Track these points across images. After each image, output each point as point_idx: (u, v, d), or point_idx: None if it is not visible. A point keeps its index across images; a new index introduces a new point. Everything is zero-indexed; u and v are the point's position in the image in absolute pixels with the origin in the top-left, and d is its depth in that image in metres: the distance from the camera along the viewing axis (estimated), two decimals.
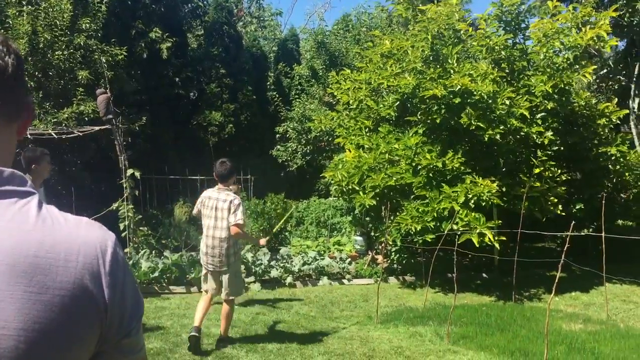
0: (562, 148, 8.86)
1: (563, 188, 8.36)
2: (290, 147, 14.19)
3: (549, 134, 8.37)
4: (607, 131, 9.80)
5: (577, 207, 9.02)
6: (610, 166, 9.62)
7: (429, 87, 8.25)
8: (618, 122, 10.93)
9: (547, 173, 8.33)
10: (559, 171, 8.45)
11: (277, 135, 14.43)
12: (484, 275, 9.67)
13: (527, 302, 8.02)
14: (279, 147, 14.52)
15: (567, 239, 5.48)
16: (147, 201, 13.37)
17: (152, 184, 13.53)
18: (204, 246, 5.63)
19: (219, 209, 5.47)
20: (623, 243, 8.64)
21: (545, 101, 8.37)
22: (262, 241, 6.16)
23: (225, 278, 5.56)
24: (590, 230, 9.59)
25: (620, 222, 10.72)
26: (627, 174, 9.70)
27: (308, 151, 13.89)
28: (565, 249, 5.28)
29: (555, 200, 8.25)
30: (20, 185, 0.95)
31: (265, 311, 7.19)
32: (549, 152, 8.59)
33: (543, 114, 8.54)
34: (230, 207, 5.44)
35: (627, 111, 10.91)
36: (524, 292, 8.45)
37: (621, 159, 9.35)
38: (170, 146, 14.53)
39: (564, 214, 8.27)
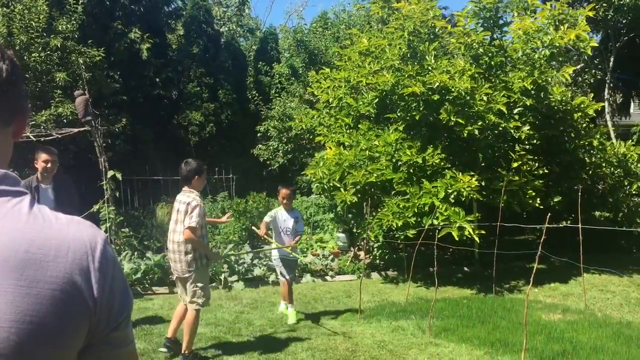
0: (539, 142, 8.99)
1: (541, 181, 8.48)
2: (272, 145, 14.21)
3: (526, 128, 8.50)
4: (584, 125, 9.99)
5: (556, 199, 9.16)
6: (586, 159, 9.81)
7: (407, 84, 8.33)
8: (594, 115, 11.14)
9: (525, 167, 8.46)
10: (537, 165, 8.58)
11: (259, 134, 14.43)
12: (465, 268, 9.78)
13: (508, 294, 8.14)
14: (260, 146, 14.53)
15: (544, 231, 5.57)
16: (129, 202, 13.32)
17: (133, 185, 13.48)
18: (167, 251, 5.46)
19: (179, 211, 5.14)
20: (600, 234, 8.84)
21: (524, 97, 8.48)
22: (212, 256, 5.63)
23: (188, 286, 5.19)
24: (569, 222, 9.75)
25: (597, 213, 10.90)
26: (603, 165, 9.89)
27: (289, 150, 13.92)
28: (542, 240, 5.39)
29: (534, 193, 8.37)
30: (13, 185, 0.99)
31: (248, 309, 7.21)
32: (527, 147, 8.73)
33: (520, 109, 8.67)
34: (187, 209, 5.05)
35: (603, 104, 11.13)
36: (504, 284, 8.57)
37: (601, 152, 9.53)
38: (152, 147, 14.47)
39: (542, 207, 8.40)
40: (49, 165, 5.55)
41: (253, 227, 7.07)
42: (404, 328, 6.27)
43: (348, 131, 9.75)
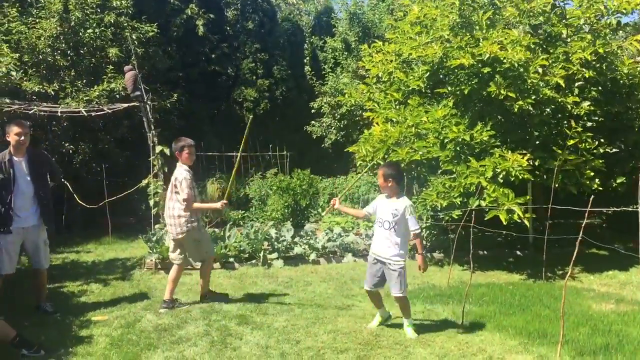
0: (602, 119, 8.30)
1: (601, 161, 7.83)
2: (325, 122, 13.96)
3: (586, 104, 7.85)
4: None
5: (619, 181, 8.46)
6: None
7: (456, 56, 7.86)
8: None
9: (583, 145, 7.82)
10: (597, 143, 7.91)
11: (312, 111, 14.22)
12: (518, 252, 9.27)
13: (559, 280, 7.61)
14: (313, 122, 14.31)
15: (593, 214, 5.07)
16: None
17: None
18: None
19: (172, 184, 5.94)
20: None
21: (583, 69, 7.82)
22: (219, 205, 6.09)
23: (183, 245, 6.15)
24: (637, 206, 9.01)
25: None
26: None
27: (342, 126, 13.63)
28: (583, 224, 4.89)
29: (592, 174, 7.75)
30: None
31: (281, 288, 7.09)
32: (587, 124, 8.07)
33: (581, 83, 8.01)
34: (176, 184, 5.85)
35: None
36: (557, 270, 8.04)
37: None
38: (207, 123, 14.58)
39: (601, 188, 7.76)
40: (22, 138, 5.60)
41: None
42: (437, 313, 5.96)
43: (397, 107, 9.36)
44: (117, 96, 10.79)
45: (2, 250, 5.56)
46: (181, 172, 5.88)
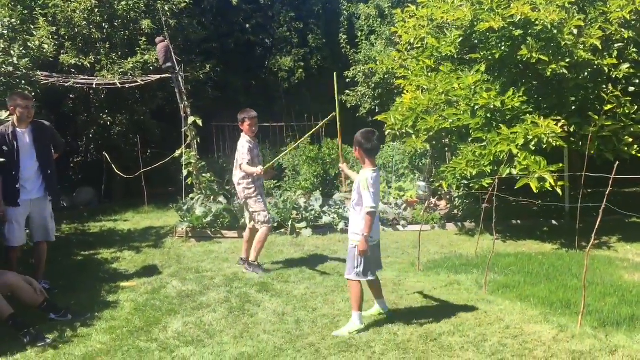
0: None
1: None
2: (359, 91, 13.79)
3: (625, 66, 7.47)
4: None
5: None
6: None
7: (486, 19, 7.58)
8: None
9: (621, 110, 7.47)
10: (636, 108, 7.54)
11: (347, 80, 14.05)
12: (554, 222, 9.02)
13: (593, 250, 7.36)
14: (347, 91, 14.15)
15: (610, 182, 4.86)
16: (220, 148, 13.62)
17: (225, 132, 13.74)
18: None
19: (237, 151, 6.41)
20: None
21: (622, 30, 7.43)
22: (258, 170, 6.17)
23: (247, 211, 6.54)
24: None
25: None
26: None
27: (376, 95, 13.44)
28: (607, 192, 4.75)
29: (631, 140, 7.41)
30: None
31: (306, 257, 7.13)
32: (627, 87, 7.69)
33: (620, 44, 7.62)
34: (239, 148, 6.30)
35: None
36: (592, 240, 7.77)
37: None
38: (242, 93, 14.63)
39: None
40: (27, 110, 5.57)
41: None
42: (460, 282, 5.88)
43: (429, 74, 9.14)
44: (151, 68, 10.92)
45: (12, 222, 5.58)
46: (242, 142, 6.32)
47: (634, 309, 4.87)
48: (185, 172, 9.69)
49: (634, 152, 7.42)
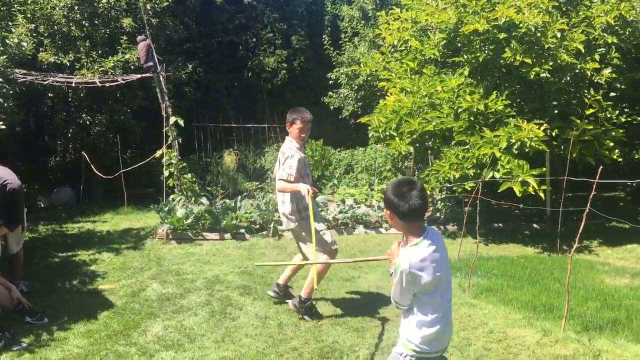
0: (624, 87, 7.98)
1: (621, 131, 7.54)
2: (342, 93, 13.76)
3: (607, 71, 7.54)
4: None
5: None
6: None
7: (470, 21, 7.60)
8: None
9: (603, 114, 7.53)
10: (617, 112, 7.61)
11: (330, 82, 14.01)
12: (535, 225, 9.06)
13: (576, 254, 7.40)
14: (330, 93, 14.11)
15: (594, 187, 4.88)
16: (202, 149, 13.50)
17: (206, 132, 13.63)
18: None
19: (279, 161, 4.82)
20: None
21: (605, 34, 7.50)
22: (304, 191, 4.50)
23: (299, 242, 4.90)
24: None
25: None
26: None
27: (359, 97, 13.41)
28: (591, 196, 4.71)
29: (612, 144, 7.47)
30: None
31: (289, 259, 7.04)
32: (608, 92, 7.76)
33: (603, 49, 7.68)
34: (280, 159, 4.78)
35: None
36: (573, 244, 7.80)
37: None
38: (224, 94, 14.50)
39: (620, 159, 7.49)
40: None
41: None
42: None
43: (412, 76, 9.13)
44: (132, 67, 10.78)
45: None
46: (290, 148, 4.75)
47: (616, 313, 4.88)
48: (166, 173, 9.58)
49: (615, 157, 7.47)
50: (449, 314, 2.58)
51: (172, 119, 9.59)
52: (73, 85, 9.89)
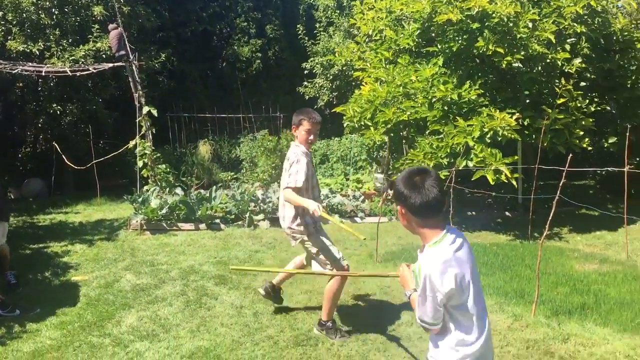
0: (593, 77, 8.12)
1: (591, 120, 7.68)
2: (317, 83, 13.74)
3: (578, 61, 7.66)
4: None
5: (610, 141, 8.33)
6: None
7: (444, 11, 7.64)
8: None
9: (573, 103, 7.66)
10: (587, 101, 7.74)
11: (305, 72, 13.97)
12: (507, 213, 9.20)
13: (546, 241, 7.53)
14: (305, 83, 14.08)
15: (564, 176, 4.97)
16: (177, 139, 13.37)
17: (180, 123, 13.49)
18: None
19: (285, 169, 4.38)
20: None
21: (575, 24, 7.61)
22: (316, 212, 3.99)
23: (313, 256, 4.49)
24: (631, 166, 8.88)
25: None
26: None
27: (335, 87, 13.41)
28: (561, 184, 4.81)
29: (582, 133, 7.60)
30: None
31: (264, 249, 7.07)
32: (579, 82, 7.89)
33: (573, 39, 7.80)
34: (286, 166, 4.33)
35: None
36: (544, 231, 7.96)
37: None
38: (198, 84, 14.36)
39: (590, 148, 7.63)
40: None
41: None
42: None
43: (387, 66, 9.17)
44: (104, 56, 10.60)
45: None
46: (296, 153, 4.28)
47: (585, 298, 5.00)
48: (140, 164, 9.46)
49: (585, 145, 7.61)
50: (488, 326, 2.25)
51: (145, 109, 9.47)
52: (43, 74, 9.70)
